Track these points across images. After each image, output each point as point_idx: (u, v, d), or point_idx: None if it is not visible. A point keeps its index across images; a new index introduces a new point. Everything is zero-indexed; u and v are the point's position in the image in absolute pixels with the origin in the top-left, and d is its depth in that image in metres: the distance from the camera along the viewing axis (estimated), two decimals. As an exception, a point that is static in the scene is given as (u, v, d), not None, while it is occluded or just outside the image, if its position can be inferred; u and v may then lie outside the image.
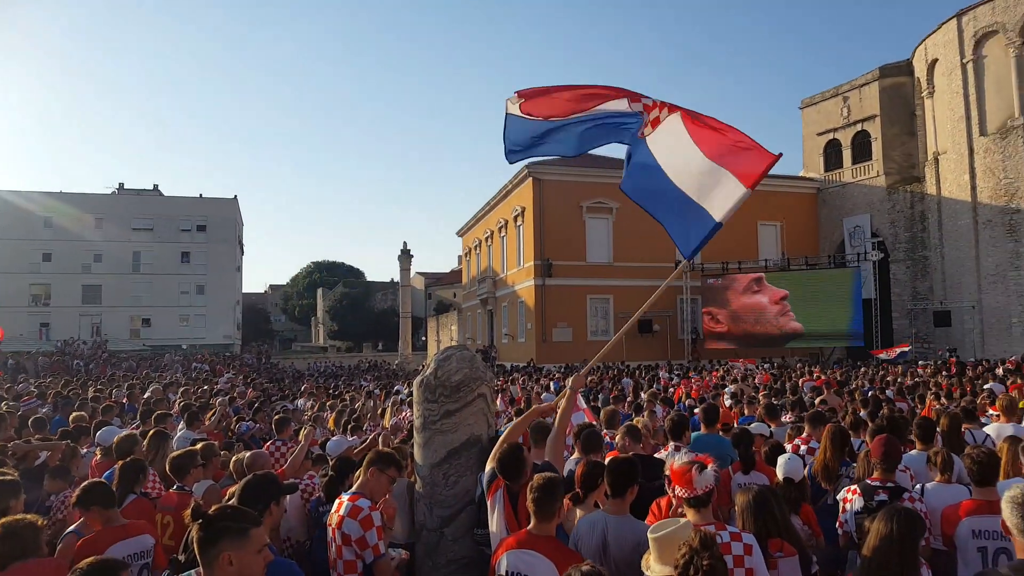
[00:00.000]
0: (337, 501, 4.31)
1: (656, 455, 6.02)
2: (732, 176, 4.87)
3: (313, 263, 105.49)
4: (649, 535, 3.07)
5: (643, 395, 13.01)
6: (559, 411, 5.01)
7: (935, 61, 34.96)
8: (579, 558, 3.51)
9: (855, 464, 5.78)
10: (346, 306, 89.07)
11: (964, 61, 32.37)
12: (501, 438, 4.68)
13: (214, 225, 62.50)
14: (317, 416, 11.79)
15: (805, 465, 5.42)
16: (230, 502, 3.67)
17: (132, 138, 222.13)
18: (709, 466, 3.56)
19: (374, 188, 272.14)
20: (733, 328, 35.03)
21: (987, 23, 31.42)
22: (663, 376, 21.22)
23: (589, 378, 19.10)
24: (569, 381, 5.15)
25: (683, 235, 5.21)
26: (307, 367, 41.38)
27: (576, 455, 5.85)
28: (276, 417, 9.00)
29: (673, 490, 3.61)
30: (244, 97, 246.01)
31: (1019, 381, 13.89)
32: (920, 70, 36.50)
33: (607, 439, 6.75)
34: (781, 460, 5.17)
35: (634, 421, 7.05)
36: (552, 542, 3.56)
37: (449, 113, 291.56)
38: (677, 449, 5.92)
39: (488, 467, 4.40)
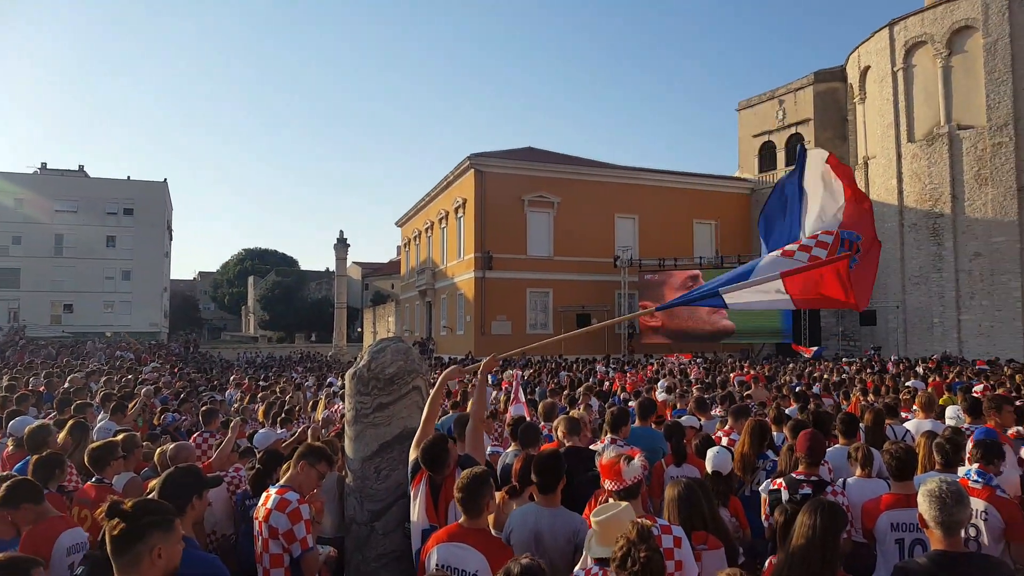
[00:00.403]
0: (265, 494, 4.24)
1: (592, 447, 6.06)
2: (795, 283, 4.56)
3: (244, 250, 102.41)
4: (592, 518, 3.13)
5: (579, 389, 13.07)
6: (472, 399, 4.98)
7: (867, 68, 36.16)
8: (510, 551, 3.51)
9: (774, 457, 5.92)
10: (278, 295, 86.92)
11: (895, 69, 33.57)
12: (423, 419, 4.62)
13: (142, 209, 60.11)
14: (246, 408, 11.50)
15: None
16: (151, 495, 3.55)
17: (56, 115, 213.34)
18: (636, 458, 3.60)
19: (310, 174, 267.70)
20: (668, 323, 35.57)
21: (917, 33, 32.64)
22: (599, 370, 21.42)
23: (528, 372, 19.16)
24: (482, 363, 5.07)
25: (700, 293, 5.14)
26: (236, 357, 40.37)
27: (514, 448, 5.86)
28: (203, 408, 8.75)
29: (604, 484, 3.63)
30: (176, 77, 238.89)
31: (938, 379, 14.50)
32: (853, 76, 37.71)
33: (545, 431, 6.79)
34: (710, 453, 5.27)
35: (570, 413, 7.09)
36: (483, 534, 3.56)
37: (390, 98, 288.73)
38: (613, 442, 5.97)
39: (412, 456, 4.36)
